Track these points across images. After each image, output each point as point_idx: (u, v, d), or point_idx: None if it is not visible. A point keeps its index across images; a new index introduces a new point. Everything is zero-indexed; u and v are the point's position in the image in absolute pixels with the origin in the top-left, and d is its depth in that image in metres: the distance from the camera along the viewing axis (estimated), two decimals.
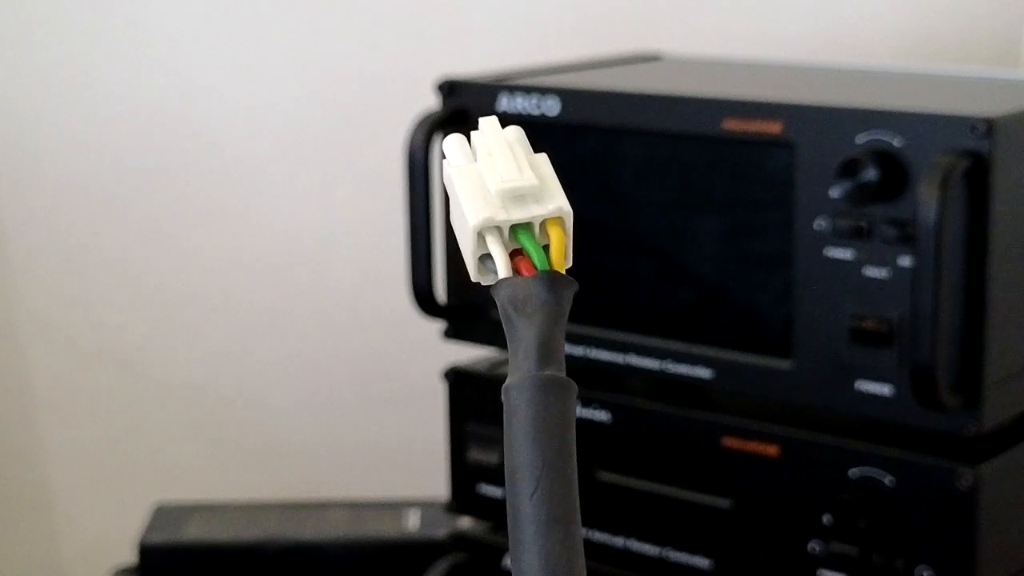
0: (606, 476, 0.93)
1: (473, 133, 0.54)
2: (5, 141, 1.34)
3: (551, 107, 0.91)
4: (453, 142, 0.54)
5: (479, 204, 0.52)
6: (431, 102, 0.95)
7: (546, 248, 0.52)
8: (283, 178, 1.35)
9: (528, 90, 0.92)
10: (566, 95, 0.91)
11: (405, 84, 1.16)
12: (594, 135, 0.91)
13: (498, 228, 0.52)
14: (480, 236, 0.52)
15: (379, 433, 1.38)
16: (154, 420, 1.39)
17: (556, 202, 0.52)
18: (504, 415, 0.50)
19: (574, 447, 0.49)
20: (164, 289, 1.37)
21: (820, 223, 0.82)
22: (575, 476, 0.49)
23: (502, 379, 1.02)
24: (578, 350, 0.93)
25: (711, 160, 0.87)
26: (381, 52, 1.32)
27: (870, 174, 0.79)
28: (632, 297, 0.92)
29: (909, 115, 0.79)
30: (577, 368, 0.94)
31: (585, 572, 0.48)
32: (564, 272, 0.52)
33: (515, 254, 0.52)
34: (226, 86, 1.34)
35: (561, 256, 0.52)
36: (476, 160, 0.53)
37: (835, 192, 0.81)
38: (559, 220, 0.52)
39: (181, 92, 1.34)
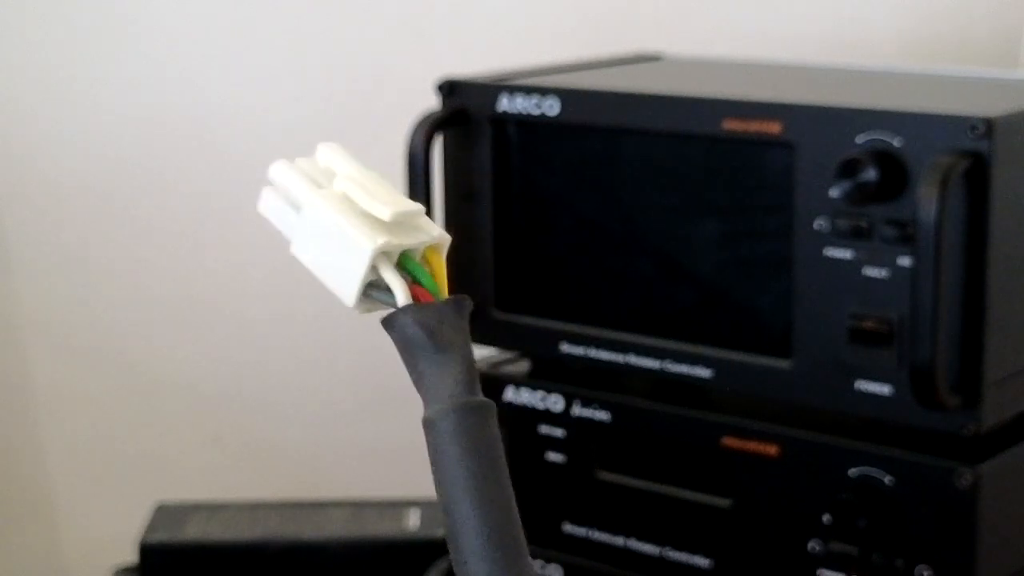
0: (606, 476, 0.93)
1: (299, 160, 0.53)
2: (5, 141, 1.34)
3: (551, 107, 0.91)
4: (285, 169, 0.52)
5: (369, 229, 0.50)
6: (431, 102, 0.95)
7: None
8: None
9: (528, 90, 0.92)
10: (566, 95, 0.91)
11: (405, 84, 1.16)
12: (594, 135, 0.91)
13: (386, 255, 0.50)
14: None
15: (379, 433, 1.38)
16: (154, 420, 1.39)
17: (437, 228, 0.52)
18: (433, 444, 0.49)
19: (506, 466, 0.49)
20: (164, 289, 1.37)
21: (820, 223, 0.82)
22: (513, 495, 0.49)
23: (502, 379, 1.02)
24: (578, 350, 0.93)
25: (711, 160, 0.87)
26: (381, 52, 1.32)
27: (870, 174, 0.79)
28: (632, 297, 0.92)
29: (909, 115, 0.79)
30: (577, 368, 0.94)
31: None
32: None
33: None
34: (226, 86, 1.34)
35: (445, 282, 0.51)
36: (322, 186, 0.52)
37: (835, 192, 0.81)
38: (439, 247, 0.51)
39: (181, 92, 1.34)
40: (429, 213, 0.92)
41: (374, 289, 0.51)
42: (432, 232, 0.51)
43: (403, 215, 0.50)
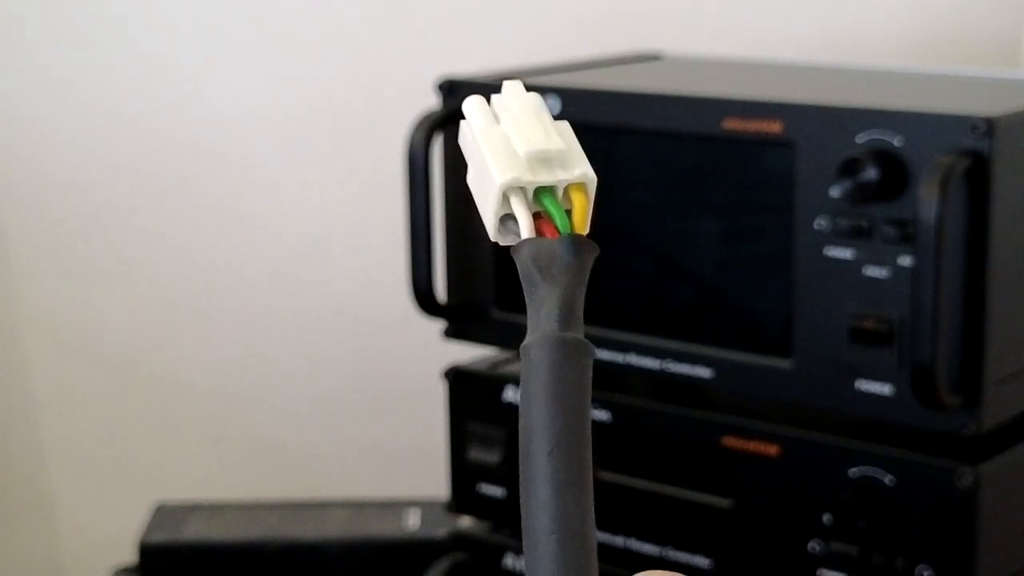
0: (606, 476, 0.93)
1: (494, 96, 0.54)
2: (5, 141, 1.34)
3: (551, 107, 0.91)
4: (474, 103, 0.54)
5: (506, 164, 0.52)
6: (431, 102, 0.95)
7: (568, 213, 0.52)
8: (283, 178, 1.35)
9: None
10: (566, 95, 0.91)
11: (405, 84, 1.16)
12: (594, 135, 0.91)
13: (522, 189, 0.52)
14: (504, 196, 0.52)
15: (379, 433, 1.38)
16: (154, 420, 1.39)
17: (581, 168, 0.53)
18: (521, 373, 0.50)
19: (590, 409, 0.49)
20: (164, 289, 1.37)
21: (820, 223, 0.82)
22: (590, 438, 0.49)
23: (502, 379, 1.02)
24: None
25: (711, 160, 0.87)
26: (382, 52, 1.32)
27: (870, 174, 0.79)
28: (632, 297, 0.92)
29: (909, 115, 0.79)
30: None
31: (596, 534, 0.48)
32: (585, 237, 0.52)
33: (536, 217, 0.52)
34: (227, 86, 1.34)
35: (584, 221, 0.52)
36: (499, 122, 0.54)
37: (835, 192, 0.81)
38: (583, 186, 0.53)
39: (181, 92, 1.34)
40: (428, 213, 0.93)
41: (511, 221, 0.52)
42: (575, 171, 0.52)
43: (539, 153, 0.52)
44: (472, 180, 0.54)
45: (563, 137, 0.54)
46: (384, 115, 1.23)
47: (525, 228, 0.52)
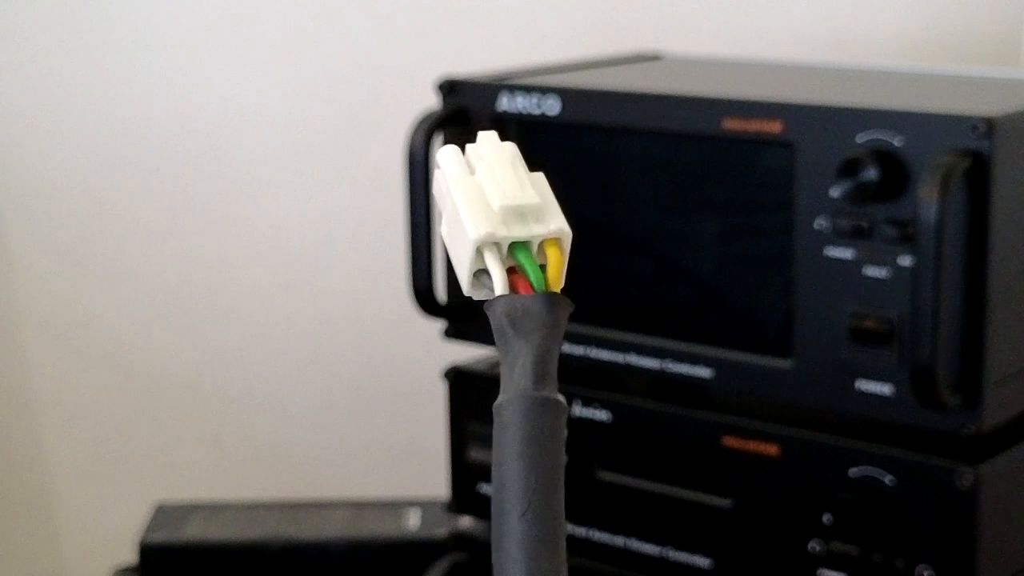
0: (606, 476, 0.93)
1: (468, 146, 0.53)
2: (5, 141, 1.34)
3: (551, 107, 0.91)
4: (449, 153, 0.53)
5: (480, 218, 0.51)
6: (431, 102, 0.95)
7: (543, 269, 0.51)
8: (283, 178, 1.35)
9: (528, 90, 0.92)
10: (566, 95, 0.91)
11: (405, 84, 1.16)
12: (594, 135, 0.91)
13: (496, 244, 0.51)
14: (478, 250, 0.51)
15: (379, 433, 1.38)
16: (154, 420, 1.39)
17: (556, 222, 0.52)
18: (495, 431, 0.50)
19: (563, 468, 0.49)
20: (164, 289, 1.37)
21: (820, 223, 0.82)
22: (563, 497, 0.49)
23: None
24: (578, 350, 0.93)
25: (711, 160, 0.87)
26: (381, 52, 1.32)
27: (870, 174, 0.79)
28: (632, 297, 0.92)
29: (909, 115, 0.79)
30: (577, 368, 0.94)
31: None
32: (560, 293, 0.51)
33: (510, 271, 0.51)
34: (226, 86, 1.34)
35: (559, 277, 0.51)
36: (473, 173, 0.53)
37: (835, 192, 0.81)
38: (558, 241, 0.52)
39: (181, 92, 1.34)
40: (428, 212, 0.93)
41: (485, 276, 0.51)
42: (550, 226, 0.51)
43: (514, 208, 0.51)
44: (445, 232, 0.53)
45: (538, 189, 0.52)
46: (384, 115, 1.23)
47: (499, 284, 0.51)
